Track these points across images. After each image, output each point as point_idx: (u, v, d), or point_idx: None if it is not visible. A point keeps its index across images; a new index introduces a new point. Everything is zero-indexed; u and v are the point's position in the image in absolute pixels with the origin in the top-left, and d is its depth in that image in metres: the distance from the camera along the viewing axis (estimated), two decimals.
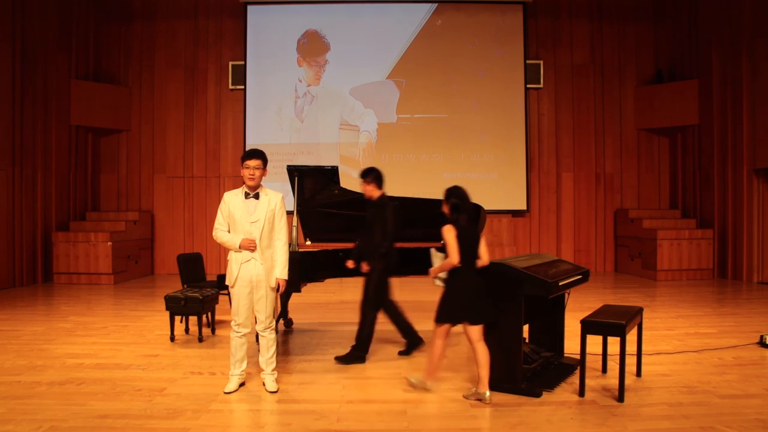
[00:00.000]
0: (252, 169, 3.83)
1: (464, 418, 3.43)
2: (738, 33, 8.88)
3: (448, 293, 3.76)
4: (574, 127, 10.49)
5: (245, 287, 3.87)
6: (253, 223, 3.85)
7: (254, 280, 3.86)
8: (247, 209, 3.86)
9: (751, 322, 5.98)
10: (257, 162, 3.85)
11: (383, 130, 10.20)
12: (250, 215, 3.86)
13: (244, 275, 3.86)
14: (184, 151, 10.44)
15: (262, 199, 3.89)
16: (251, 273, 3.85)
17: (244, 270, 3.86)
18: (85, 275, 8.99)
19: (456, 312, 3.71)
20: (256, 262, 3.85)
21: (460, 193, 3.84)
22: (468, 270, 3.69)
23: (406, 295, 8.07)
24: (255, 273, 3.85)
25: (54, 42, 9.25)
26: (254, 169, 3.83)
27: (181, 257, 6.32)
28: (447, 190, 3.89)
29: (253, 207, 3.87)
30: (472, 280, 3.71)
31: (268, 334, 3.96)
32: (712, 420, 3.37)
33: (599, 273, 10.26)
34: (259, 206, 3.87)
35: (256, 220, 3.85)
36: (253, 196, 3.88)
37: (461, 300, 3.69)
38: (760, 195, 8.86)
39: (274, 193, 3.97)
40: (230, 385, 3.93)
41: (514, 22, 10.23)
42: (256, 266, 3.85)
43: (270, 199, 3.91)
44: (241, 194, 3.91)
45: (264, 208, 3.87)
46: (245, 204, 3.88)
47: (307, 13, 10.23)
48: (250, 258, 3.85)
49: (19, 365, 4.54)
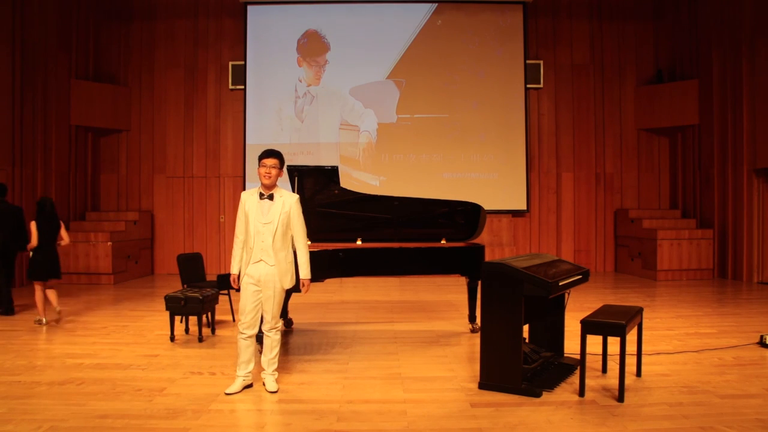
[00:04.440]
0: (269, 168, 3.81)
1: (464, 418, 3.43)
2: (738, 33, 8.88)
3: None
4: (574, 127, 10.49)
5: (252, 284, 3.84)
6: (266, 224, 3.82)
7: (263, 279, 3.83)
8: (261, 210, 3.84)
9: (751, 322, 5.98)
10: (274, 161, 3.84)
11: (383, 130, 10.20)
12: (264, 216, 3.83)
13: (251, 272, 3.84)
14: (184, 151, 10.44)
15: (277, 201, 3.86)
16: (260, 272, 3.83)
17: (251, 269, 3.84)
18: (85, 275, 8.99)
19: None
20: (265, 265, 3.82)
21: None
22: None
23: (407, 295, 8.08)
24: (264, 272, 3.82)
25: (54, 42, 9.25)
26: (270, 168, 3.81)
27: (181, 257, 6.32)
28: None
29: (267, 208, 3.84)
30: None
31: (273, 335, 3.93)
32: (712, 420, 3.36)
33: (599, 273, 10.26)
34: (273, 208, 3.84)
35: (269, 222, 3.82)
36: (268, 197, 3.86)
37: None
38: (760, 195, 8.86)
39: (289, 195, 3.94)
40: (233, 386, 3.88)
41: (514, 22, 10.23)
42: (265, 267, 3.83)
43: (285, 201, 3.87)
44: (256, 194, 3.89)
45: (278, 210, 3.84)
46: (260, 204, 3.85)
47: (307, 13, 10.23)
48: (259, 260, 3.82)
49: (19, 365, 4.54)
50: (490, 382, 3.88)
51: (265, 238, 3.82)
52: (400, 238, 5.90)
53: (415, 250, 5.48)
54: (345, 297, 7.88)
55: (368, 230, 5.89)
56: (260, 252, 3.83)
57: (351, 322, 6.27)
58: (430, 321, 6.28)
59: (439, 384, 4.08)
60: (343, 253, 5.13)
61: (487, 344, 3.87)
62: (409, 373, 4.35)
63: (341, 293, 8.20)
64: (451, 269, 5.56)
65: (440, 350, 5.01)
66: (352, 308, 7.08)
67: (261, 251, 3.83)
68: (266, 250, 3.82)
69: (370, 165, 10.18)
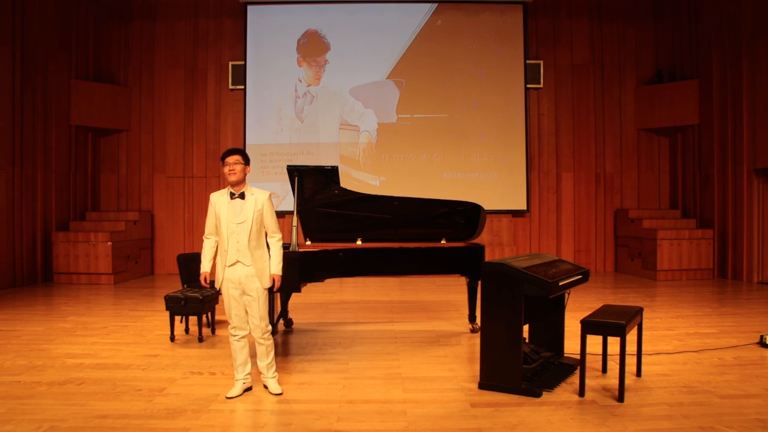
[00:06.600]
0: (231, 165, 3.76)
1: (464, 418, 3.43)
2: (738, 33, 8.88)
3: None
4: (574, 127, 10.49)
5: (235, 289, 3.80)
6: (239, 224, 3.76)
7: (244, 282, 3.78)
8: (233, 210, 3.78)
9: (751, 322, 5.98)
10: (236, 157, 3.78)
11: (383, 130, 10.20)
12: (237, 216, 3.77)
13: (231, 277, 3.79)
14: (184, 151, 10.44)
15: (249, 199, 3.80)
16: (239, 274, 3.78)
17: (229, 273, 3.79)
18: (85, 275, 8.99)
19: None
20: (242, 266, 3.77)
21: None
22: None
23: (407, 295, 8.08)
24: (243, 275, 3.77)
25: (54, 42, 9.25)
26: (234, 165, 3.76)
27: (181, 257, 6.31)
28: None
29: (240, 208, 3.78)
30: None
31: (266, 341, 3.86)
32: (712, 420, 3.36)
33: (599, 273, 10.26)
34: (246, 207, 3.78)
35: (243, 221, 3.76)
36: (239, 196, 3.80)
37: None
38: (760, 195, 8.86)
39: (261, 192, 3.88)
40: (234, 390, 3.84)
41: (514, 22, 10.23)
42: (243, 269, 3.77)
43: (257, 199, 3.82)
44: (226, 195, 3.83)
45: (251, 208, 3.78)
46: (231, 205, 3.79)
47: (307, 13, 10.23)
48: (235, 261, 3.77)
49: (19, 365, 4.54)
50: (490, 382, 3.88)
51: (240, 238, 3.76)
52: (400, 238, 5.91)
53: (415, 250, 5.48)
54: (345, 297, 7.88)
55: (368, 230, 5.90)
56: (236, 253, 3.77)
57: (351, 322, 6.27)
58: (430, 321, 6.28)
59: (439, 384, 4.08)
60: (343, 253, 5.13)
61: (487, 344, 3.88)
62: (409, 373, 4.35)
63: (341, 293, 8.20)
64: (451, 269, 5.56)
65: (440, 350, 5.01)
66: (352, 308, 7.08)
67: (237, 252, 3.77)
68: (242, 251, 3.77)
69: (370, 165, 10.18)
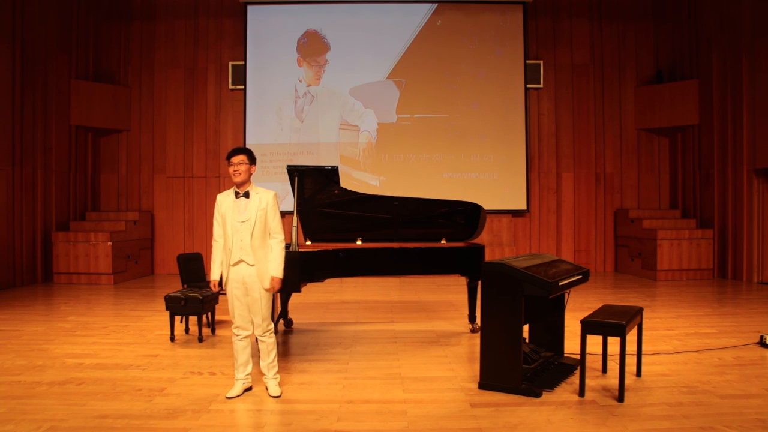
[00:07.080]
0: (236, 165, 3.77)
1: (464, 418, 3.43)
2: (738, 33, 8.88)
3: None
4: (574, 127, 10.49)
5: (238, 288, 3.82)
6: (243, 222, 3.78)
7: (247, 281, 3.79)
8: (237, 209, 3.80)
9: (751, 322, 5.98)
10: (241, 157, 3.79)
11: (383, 130, 10.20)
12: (241, 214, 3.79)
13: (235, 276, 3.81)
14: (184, 151, 10.44)
15: (253, 198, 3.81)
16: (243, 274, 3.80)
17: (233, 272, 3.81)
18: (85, 275, 8.99)
19: None
20: (246, 266, 3.79)
21: None
22: None
23: (407, 295, 8.08)
24: (247, 274, 3.79)
25: (54, 42, 9.25)
26: (238, 165, 3.77)
27: (181, 257, 6.32)
28: None
29: (244, 206, 3.80)
30: None
31: (267, 338, 3.88)
32: (712, 420, 3.37)
33: (599, 273, 10.26)
34: (250, 205, 3.80)
35: (246, 220, 3.78)
36: (243, 195, 3.82)
37: None
38: (760, 195, 8.86)
39: (266, 191, 3.88)
40: (234, 390, 3.85)
41: (514, 22, 10.23)
42: (247, 268, 3.79)
43: (261, 198, 3.83)
44: (231, 194, 3.85)
45: (255, 207, 3.80)
46: (236, 204, 3.81)
47: (307, 13, 10.23)
48: (239, 260, 3.79)
49: (19, 365, 4.54)
50: (490, 382, 3.88)
51: (244, 237, 3.78)
52: (400, 238, 5.91)
53: (415, 250, 5.48)
54: (345, 297, 7.88)
55: (368, 230, 5.90)
56: (239, 251, 3.78)
57: (351, 322, 6.27)
58: (430, 321, 6.28)
59: (439, 384, 4.08)
60: (342, 253, 5.13)
61: (487, 344, 3.88)
62: (409, 373, 4.35)
63: (341, 293, 8.20)
64: (451, 269, 5.56)
65: (440, 350, 5.01)
66: (352, 308, 7.08)
67: (240, 250, 3.78)
68: (245, 249, 3.78)
69: (370, 165, 10.18)
